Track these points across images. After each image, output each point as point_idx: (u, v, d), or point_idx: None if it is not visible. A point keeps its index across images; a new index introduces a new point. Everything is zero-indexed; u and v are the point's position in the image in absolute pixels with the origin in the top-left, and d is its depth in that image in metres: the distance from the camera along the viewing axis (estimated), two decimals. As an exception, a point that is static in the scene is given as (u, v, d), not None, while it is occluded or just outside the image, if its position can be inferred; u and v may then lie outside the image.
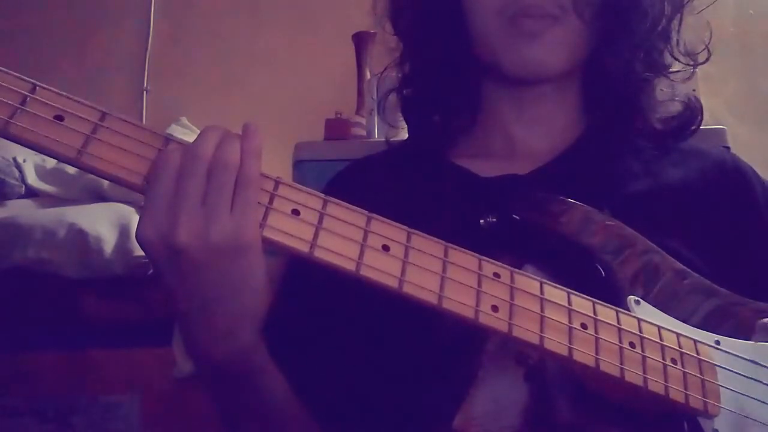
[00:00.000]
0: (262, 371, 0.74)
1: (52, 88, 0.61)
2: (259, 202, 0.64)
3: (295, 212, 0.64)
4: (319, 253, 0.63)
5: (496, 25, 0.89)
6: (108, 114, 0.62)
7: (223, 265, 0.63)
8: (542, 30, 0.87)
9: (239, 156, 0.64)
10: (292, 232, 0.64)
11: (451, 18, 0.93)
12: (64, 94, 0.61)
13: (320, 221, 0.64)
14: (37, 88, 0.60)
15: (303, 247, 0.63)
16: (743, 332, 0.77)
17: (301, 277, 0.90)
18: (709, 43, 0.97)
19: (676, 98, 0.97)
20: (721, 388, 0.72)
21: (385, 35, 1.03)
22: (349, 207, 0.66)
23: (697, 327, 0.76)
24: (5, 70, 0.60)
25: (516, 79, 0.91)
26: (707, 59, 0.97)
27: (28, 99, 0.59)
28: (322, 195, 0.66)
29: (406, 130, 1.07)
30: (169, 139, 0.63)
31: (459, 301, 0.65)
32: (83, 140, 0.60)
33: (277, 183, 0.65)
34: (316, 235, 0.63)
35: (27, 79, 0.60)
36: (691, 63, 0.97)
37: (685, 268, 0.79)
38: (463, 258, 0.67)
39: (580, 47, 0.89)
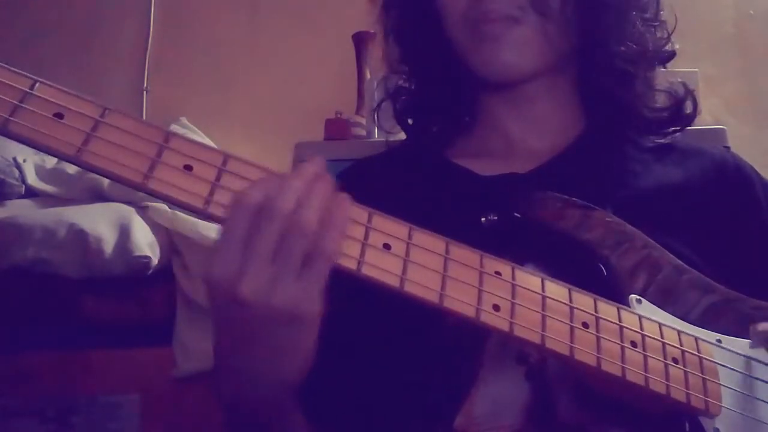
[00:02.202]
0: (286, 417, 0.74)
1: (52, 84, 0.60)
2: None
3: None
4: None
5: (462, 32, 0.91)
6: (109, 110, 0.61)
7: (277, 329, 0.62)
8: (502, 32, 0.87)
9: (317, 224, 0.60)
10: None
11: (433, 29, 0.94)
12: (65, 89, 0.60)
13: None
14: (37, 84, 0.59)
15: None
16: (741, 329, 0.77)
17: None
18: (673, 32, 0.97)
19: (665, 89, 0.97)
20: (722, 387, 0.72)
21: (384, 39, 1.04)
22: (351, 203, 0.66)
23: (695, 323, 0.76)
24: (4, 65, 0.59)
25: (489, 82, 0.92)
26: (667, 42, 0.97)
27: (27, 96, 0.59)
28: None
29: (403, 133, 1.08)
30: (170, 135, 0.63)
31: (460, 300, 0.65)
32: (83, 138, 0.59)
33: None
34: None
35: (27, 75, 0.59)
36: (660, 54, 0.97)
37: (683, 264, 0.79)
38: (465, 255, 0.67)
39: (548, 44, 0.89)
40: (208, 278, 0.60)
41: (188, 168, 0.62)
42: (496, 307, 0.65)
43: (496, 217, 0.77)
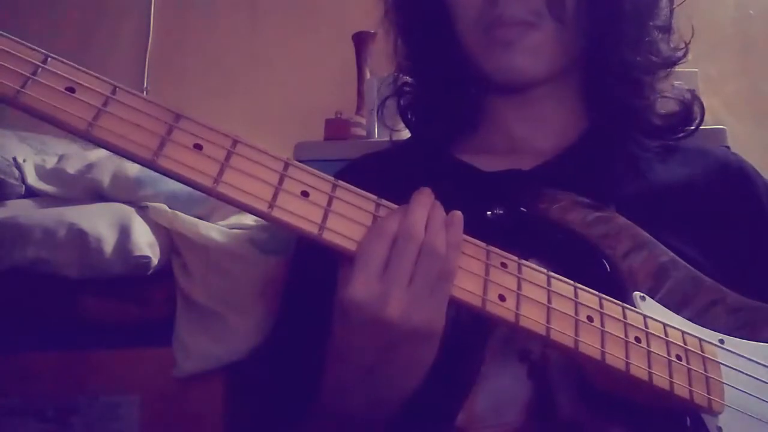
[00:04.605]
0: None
1: (64, 60, 0.60)
2: (268, 182, 0.63)
3: (305, 194, 0.64)
4: (327, 236, 0.63)
5: (475, 36, 0.90)
6: (119, 87, 0.61)
7: (411, 347, 0.65)
8: (517, 38, 0.87)
9: (446, 246, 0.65)
10: (301, 213, 0.63)
11: (442, 29, 0.94)
12: (76, 66, 0.60)
13: (329, 204, 0.64)
14: (49, 59, 0.59)
15: (312, 229, 0.63)
16: (740, 328, 0.78)
17: (307, 269, 0.90)
18: (689, 43, 0.97)
19: (674, 95, 0.97)
20: (725, 385, 0.72)
21: (385, 36, 1.04)
22: (358, 191, 0.66)
23: (695, 320, 0.76)
24: (17, 39, 0.59)
25: (501, 86, 0.92)
26: (684, 55, 0.97)
27: (39, 69, 0.58)
28: (332, 178, 0.65)
29: (406, 131, 1.08)
30: (180, 116, 0.62)
31: (466, 289, 0.65)
32: (95, 113, 0.59)
33: (287, 164, 0.65)
34: (325, 218, 0.63)
35: (39, 49, 0.59)
36: (675, 59, 0.97)
37: (684, 262, 0.79)
38: (471, 247, 0.67)
39: (562, 50, 0.89)
40: (348, 301, 0.63)
41: (198, 147, 0.62)
42: (502, 298, 0.66)
43: (501, 212, 0.77)
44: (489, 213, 0.77)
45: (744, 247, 0.89)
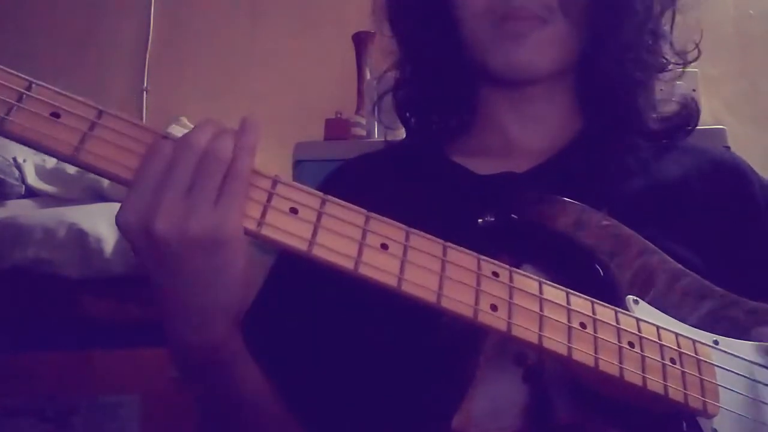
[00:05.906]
0: (234, 362, 0.73)
1: (49, 86, 0.60)
2: (257, 200, 0.63)
3: (294, 210, 0.64)
4: (317, 252, 0.63)
5: (483, 27, 0.90)
6: (105, 111, 0.61)
7: (199, 259, 0.62)
8: (529, 31, 0.87)
9: (232, 150, 0.62)
10: (290, 230, 0.63)
11: (441, 21, 0.94)
12: (61, 91, 0.60)
13: (318, 219, 0.64)
14: (34, 85, 0.60)
15: (301, 246, 0.63)
16: (738, 332, 0.77)
17: (295, 276, 0.90)
18: (699, 42, 0.97)
19: (673, 98, 0.97)
20: (720, 387, 0.72)
21: (384, 36, 1.04)
22: (348, 206, 0.65)
23: (694, 326, 0.76)
24: (1, 67, 0.59)
25: (504, 80, 0.92)
26: (697, 58, 0.97)
27: (24, 96, 0.59)
28: (321, 194, 0.65)
29: (404, 131, 1.08)
30: (167, 138, 0.63)
31: (458, 300, 0.65)
32: (80, 137, 0.59)
33: (275, 181, 0.65)
34: (314, 234, 0.63)
35: (23, 76, 0.60)
36: (681, 62, 0.97)
37: (681, 267, 0.79)
38: (462, 257, 0.67)
39: (568, 48, 0.90)
40: (121, 225, 0.61)
41: None
42: (494, 308, 0.65)
43: (492, 219, 0.77)
44: (480, 221, 0.77)
45: (739, 246, 0.88)
